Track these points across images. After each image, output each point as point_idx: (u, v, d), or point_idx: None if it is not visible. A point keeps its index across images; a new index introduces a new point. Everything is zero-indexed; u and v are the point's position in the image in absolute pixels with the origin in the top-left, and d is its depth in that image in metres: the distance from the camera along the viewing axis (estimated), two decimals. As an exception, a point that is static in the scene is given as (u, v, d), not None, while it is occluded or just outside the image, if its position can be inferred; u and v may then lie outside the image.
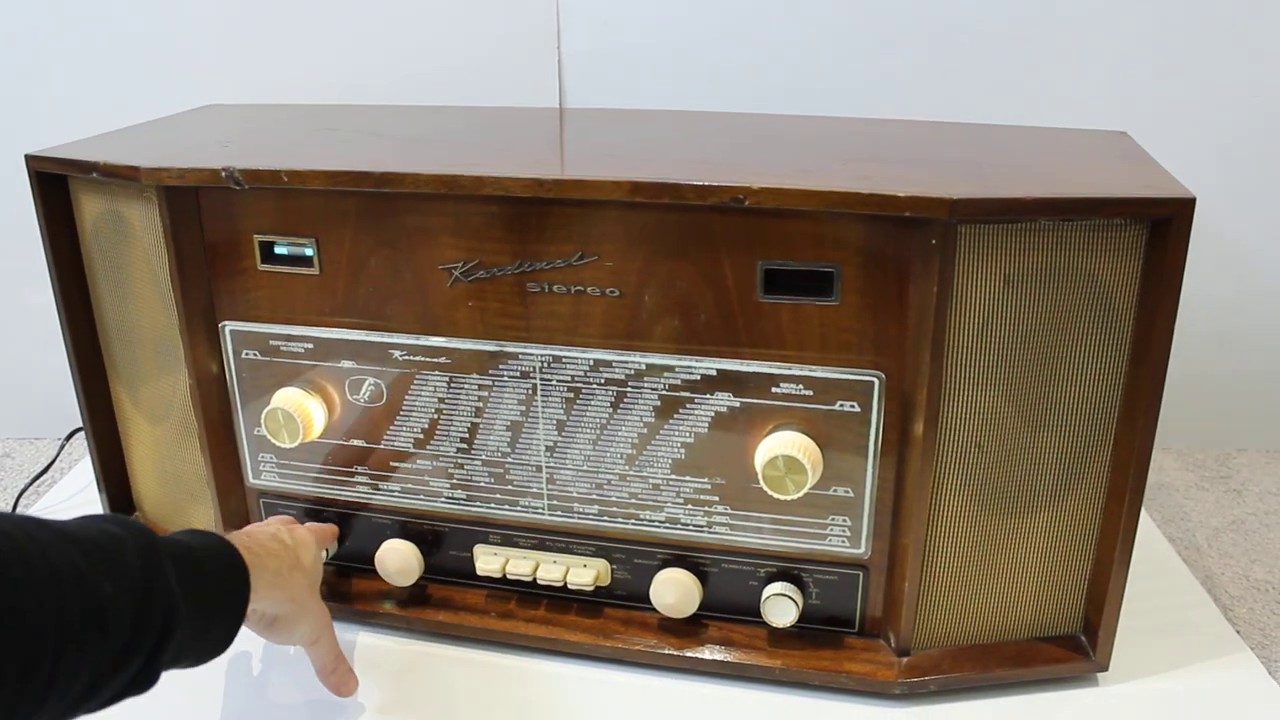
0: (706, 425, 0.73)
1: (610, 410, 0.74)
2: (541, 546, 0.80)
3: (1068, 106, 1.03)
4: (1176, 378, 0.67)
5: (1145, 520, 0.94)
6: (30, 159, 0.81)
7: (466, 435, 0.78)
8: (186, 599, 0.56)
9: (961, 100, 1.05)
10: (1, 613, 0.44)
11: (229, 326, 0.80)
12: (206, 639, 0.59)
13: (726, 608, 0.79)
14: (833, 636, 0.77)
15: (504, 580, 0.81)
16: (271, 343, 0.79)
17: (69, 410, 0.91)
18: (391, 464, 0.81)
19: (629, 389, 0.74)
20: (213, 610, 0.59)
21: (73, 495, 1.04)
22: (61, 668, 0.47)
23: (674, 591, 0.76)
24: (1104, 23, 1.03)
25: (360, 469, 0.81)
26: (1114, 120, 0.89)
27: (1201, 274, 0.69)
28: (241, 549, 0.63)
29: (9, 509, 1.01)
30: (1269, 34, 1.02)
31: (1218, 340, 1.14)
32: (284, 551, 0.69)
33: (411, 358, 0.77)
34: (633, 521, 0.77)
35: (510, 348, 0.75)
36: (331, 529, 0.83)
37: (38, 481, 1.06)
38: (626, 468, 0.76)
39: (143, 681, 0.54)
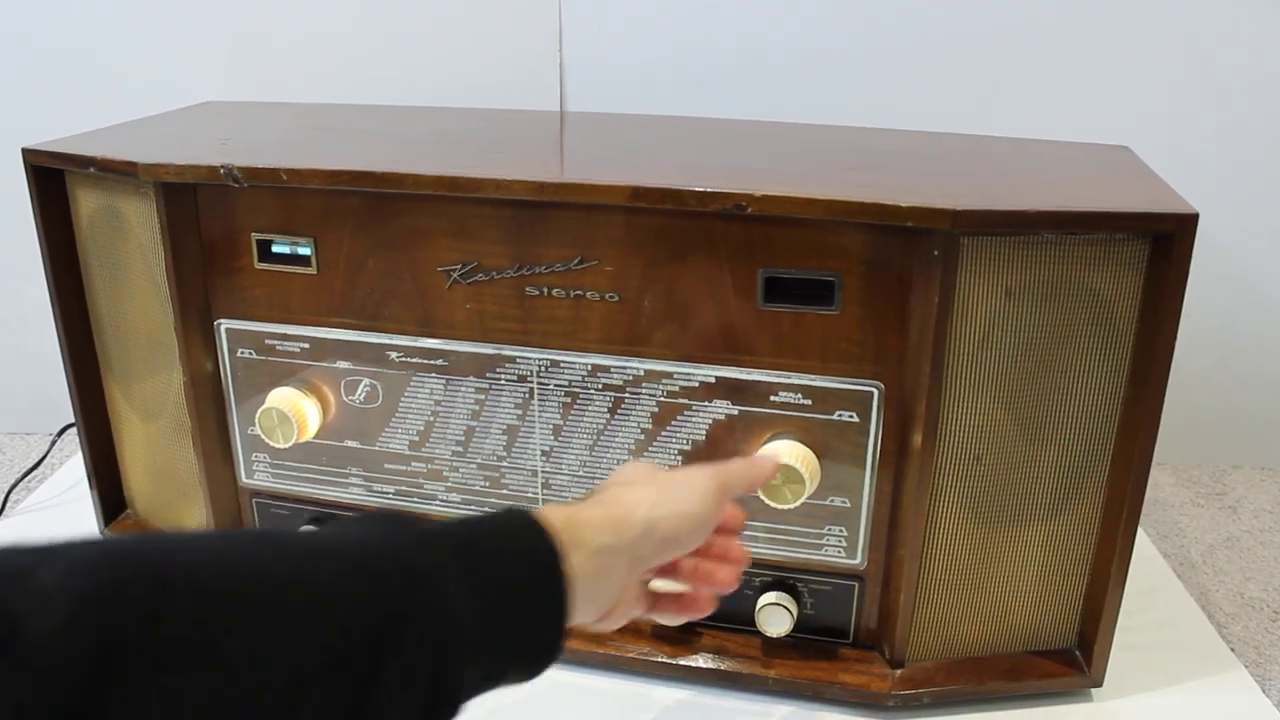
0: (704, 433, 0.73)
1: (607, 416, 0.74)
2: (535, 552, 0.80)
3: (1069, 119, 1.03)
4: (1173, 393, 0.67)
5: (1140, 536, 0.93)
6: (27, 153, 0.80)
7: (462, 438, 0.78)
8: (475, 610, 0.43)
9: (965, 112, 1.05)
10: (216, 661, 0.35)
11: (224, 324, 0.79)
12: (515, 659, 0.47)
13: (721, 616, 0.78)
14: (827, 647, 0.77)
15: (497, 585, 0.80)
16: (267, 342, 0.79)
17: (61, 406, 0.90)
18: (386, 466, 0.80)
19: (627, 395, 0.73)
20: (514, 625, 0.46)
21: (63, 491, 1.03)
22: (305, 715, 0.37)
23: (668, 599, 0.76)
24: (1107, 37, 1.03)
25: (354, 470, 0.81)
26: (1115, 134, 0.89)
27: (1199, 289, 0.69)
28: (559, 527, 0.49)
29: (-2, 504, 1.00)
30: (1272, 49, 1.02)
31: (1215, 356, 1.14)
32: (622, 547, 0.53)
33: (408, 359, 0.76)
34: (628, 528, 0.77)
35: (508, 351, 0.74)
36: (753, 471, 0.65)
37: (28, 477, 1.06)
38: (622, 474, 0.75)
39: (439, 714, 0.42)
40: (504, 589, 0.46)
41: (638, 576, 0.57)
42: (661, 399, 0.73)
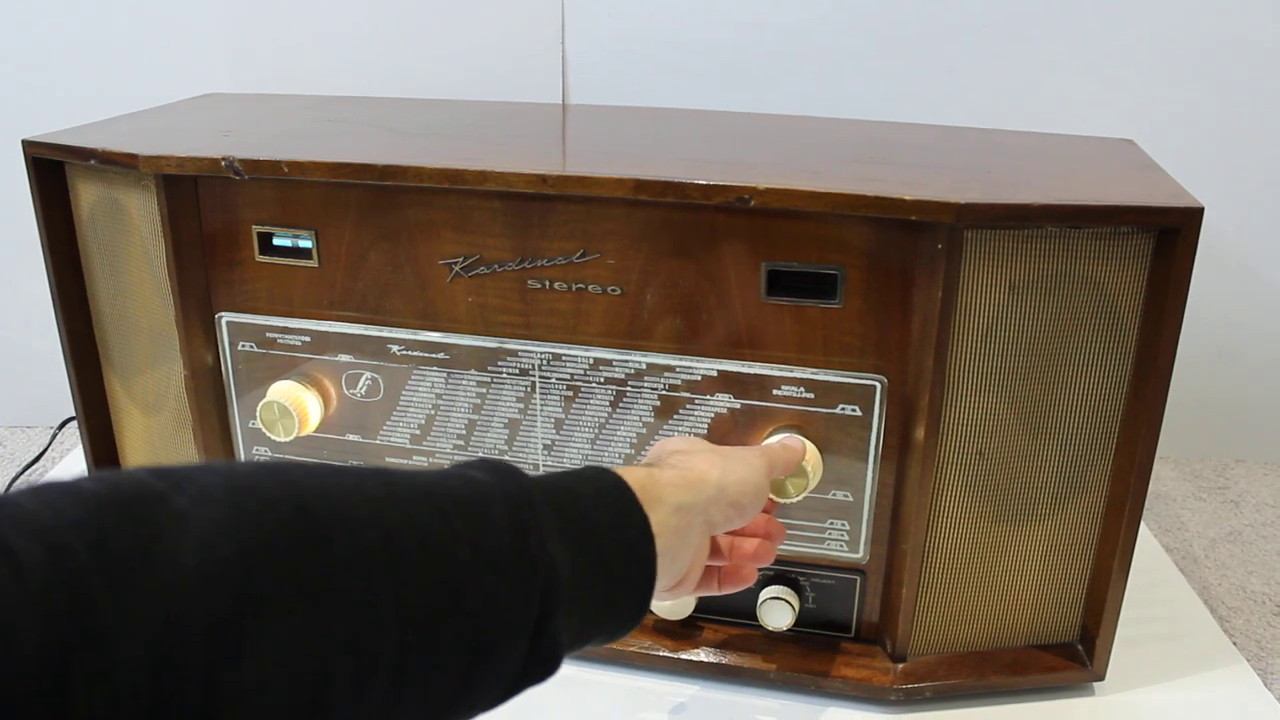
0: (706, 426, 0.73)
1: (609, 409, 0.74)
2: (537, 545, 0.80)
3: (1074, 113, 1.03)
4: (1175, 387, 0.67)
5: (1143, 530, 0.93)
6: (27, 145, 0.80)
7: (464, 432, 0.77)
8: (572, 560, 0.45)
9: (969, 105, 1.04)
10: (322, 593, 0.36)
11: (225, 318, 0.79)
12: (609, 612, 0.48)
13: (723, 610, 0.78)
14: (829, 641, 0.77)
15: (498, 579, 0.80)
16: (268, 335, 0.79)
17: (62, 399, 0.90)
18: (387, 460, 0.80)
19: (629, 388, 0.73)
20: (608, 582, 0.47)
21: (64, 484, 1.03)
22: (414, 665, 0.38)
23: (670, 593, 0.76)
24: (1111, 29, 1.02)
25: (356, 464, 0.81)
26: (1119, 127, 0.89)
27: (1202, 282, 0.69)
28: (639, 488, 0.51)
29: None
30: (1277, 42, 1.02)
31: (1217, 350, 1.14)
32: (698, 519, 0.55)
33: (409, 353, 0.76)
34: (630, 522, 0.77)
35: (510, 344, 0.74)
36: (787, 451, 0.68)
37: (29, 470, 1.06)
38: (624, 468, 0.75)
39: (540, 666, 0.44)
40: (599, 546, 0.47)
41: (708, 542, 0.59)
42: (664, 392, 0.72)
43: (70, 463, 1.07)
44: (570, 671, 0.77)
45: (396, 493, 0.41)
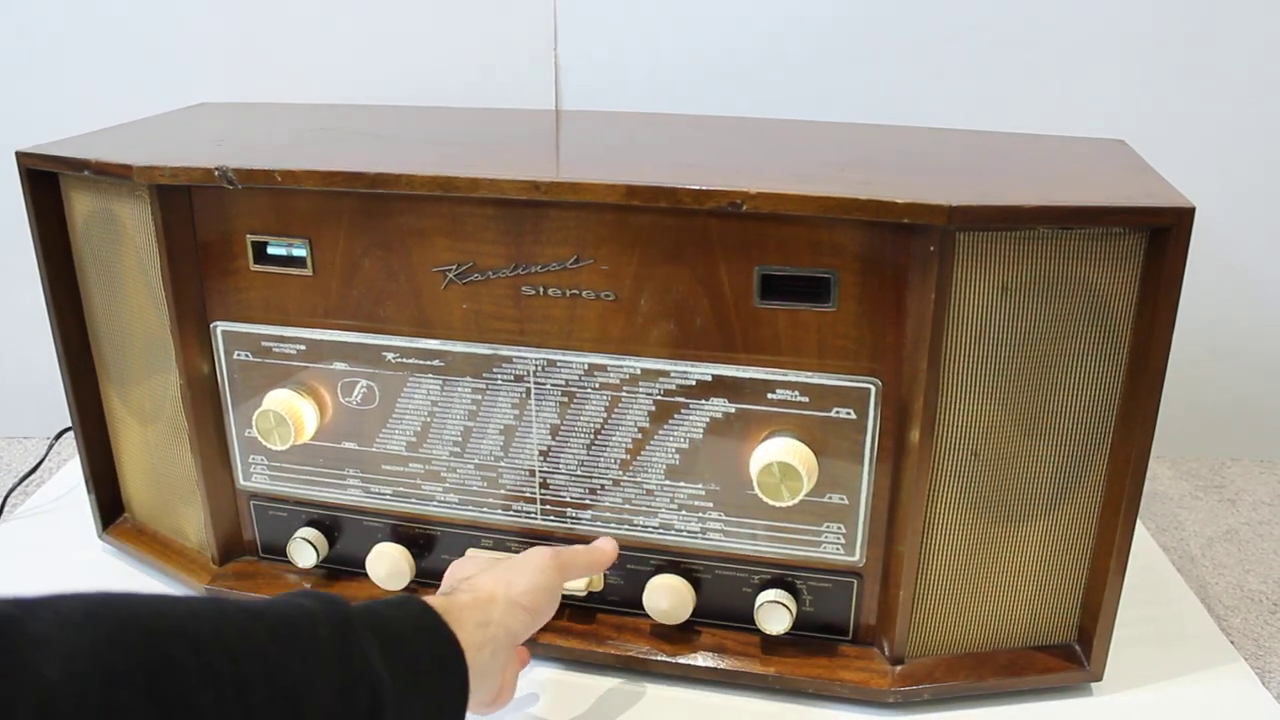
0: (701, 431, 0.73)
1: (604, 415, 0.74)
2: (534, 551, 0.80)
3: (1065, 113, 1.03)
4: (1170, 386, 0.67)
5: (1139, 529, 0.93)
6: (21, 156, 0.80)
7: (459, 439, 0.77)
8: (394, 677, 0.49)
9: (960, 107, 1.04)
10: (175, 705, 0.39)
11: (220, 327, 0.79)
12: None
13: (720, 614, 0.78)
14: (826, 644, 0.77)
15: (496, 585, 0.80)
16: (263, 344, 0.79)
17: (58, 409, 0.90)
18: (383, 467, 0.80)
19: (623, 394, 0.73)
20: (427, 695, 0.52)
21: (61, 495, 1.03)
22: None
23: (667, 597, 0.76)
24: (1102, 30, 1.03)
25: (352, 472, 0.81)
26: (1109, 128, 0.89)
27: (1196, 282, 0.69)
28: (455, 631, 0.56)
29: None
30: (1267, 42, 1.02)
31: (1212, 349, 1.14)
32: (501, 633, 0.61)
33: (404, 360, 0.76)
34: (626, 527, 0.77)
35: (504, 351, 0.74)
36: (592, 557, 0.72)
37: (26, 481, 1.05)
38: (620, 473, 0.75)
39: None
40: (415, 663, 0.52)
41: (514, 653, 0.64)
42: (658, 398, 0.73)
43: (67, 473, 1.07)
44: (567, 676, 0.78)
45: (234, 619, 0.45)
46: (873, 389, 0.69)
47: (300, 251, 0.75)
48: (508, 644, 0.61)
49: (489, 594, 0.62)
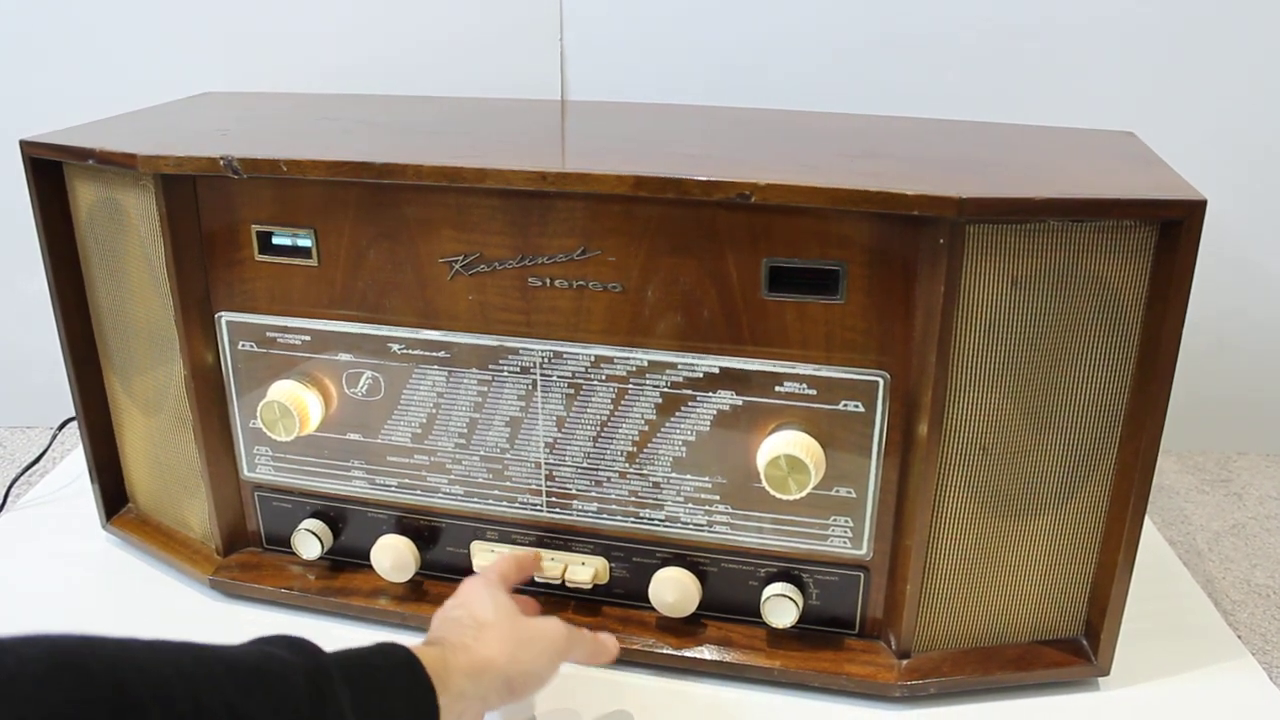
0: (708, 423, 0.72)
1: (611, 407, 0.74)
2: (539, 544, 0.80)
3: (1074, 106, 1.02)
4: (1178, 380, 0.67)
5: (1146, 524, 0.93)
6: (25, 145, 0.80)
7: (465, 430, 0.77)
8: None
9: (969, 98, 1.04)
10: None
11: (225, 317, 0.79)
12: None
13: (726, 607, 0.78)
14: (833, 638, 0.77)
15: (501, 577, 0.80)
16: (268, 334, 0.78)
17: (62, 399, 0.90)
18: (388, 459, 0.80)
19: (630, 386, 0.73)
20: None
21: (65, 485, 1.03)
22: None
23: (673, 590, 0.76)
24: (1112, 22, 1.02)
25: (357, 463, 0.81)
26: (1118, 120, 0.89)
27: (1205, 275, 0.68)
28: (430, 671, 0.56)
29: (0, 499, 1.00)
30: (1278, 34, 1.01)
31: (1219, 343, 1.14)
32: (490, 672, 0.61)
33: (410, 351, 0.76)
34: (632, 520, 0.77)
35: (510, 342, 0.74)
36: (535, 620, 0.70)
37: (29, 471, 1.05)
38: (626, 465, 0.75)
39: None
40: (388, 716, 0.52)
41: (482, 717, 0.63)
42: (665, 390, 0.72)
43: (71, 463, 1.07)
44: (572, 669, 0.77)
45: (203, 667, 0.45)
46: (881, 382, 0.69)
47: (305, 242, 0.75)
48: (479, 712, 0.61)
49: (487, 660, 0.61)
